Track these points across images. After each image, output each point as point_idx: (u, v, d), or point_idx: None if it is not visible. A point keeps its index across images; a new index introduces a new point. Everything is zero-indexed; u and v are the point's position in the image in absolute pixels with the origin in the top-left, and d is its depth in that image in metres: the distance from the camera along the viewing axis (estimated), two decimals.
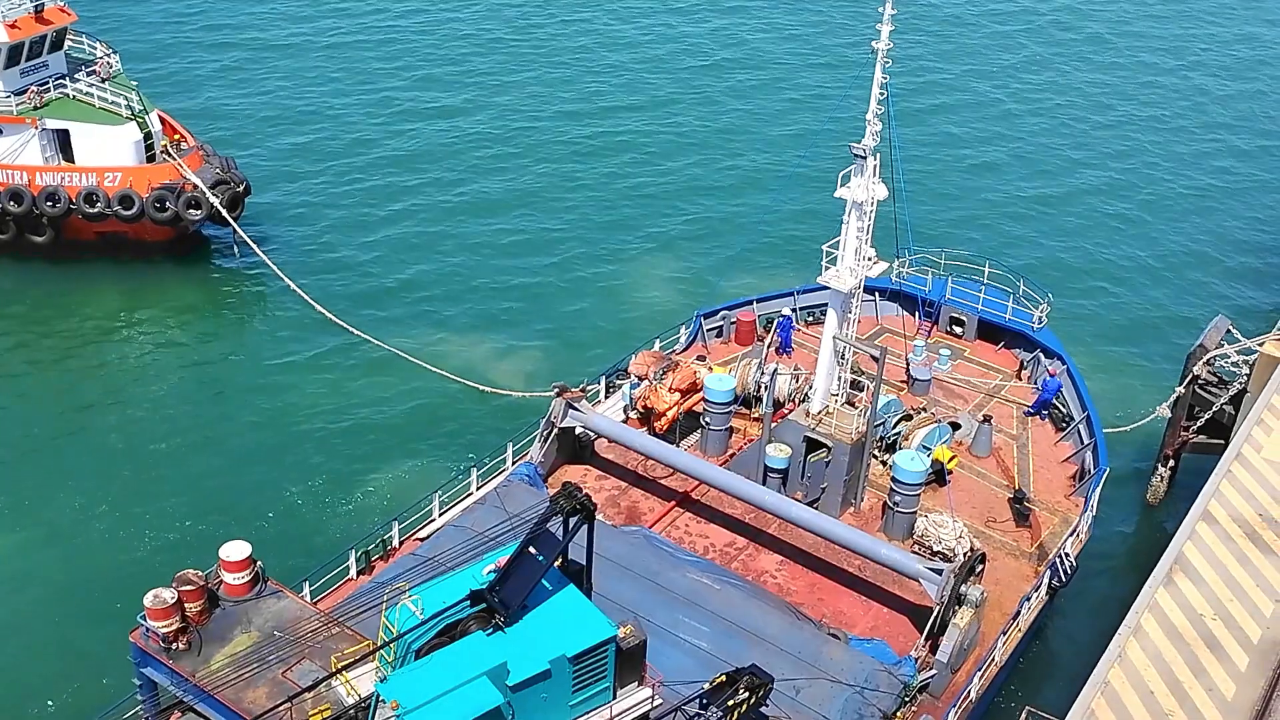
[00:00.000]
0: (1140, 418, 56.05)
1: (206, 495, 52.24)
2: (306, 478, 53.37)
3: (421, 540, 42.72)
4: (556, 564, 32.23)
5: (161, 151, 67.02)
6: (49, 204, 65.44)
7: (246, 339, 64.48)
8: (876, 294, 55.92)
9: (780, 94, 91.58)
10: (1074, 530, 45.18)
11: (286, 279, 63.87)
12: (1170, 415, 53.67)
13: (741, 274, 64.53)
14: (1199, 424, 52.88)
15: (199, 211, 65.76)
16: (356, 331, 61.23)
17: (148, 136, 66.53)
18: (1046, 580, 43.26)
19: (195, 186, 65.57)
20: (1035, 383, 53.41)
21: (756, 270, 65.97)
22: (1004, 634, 41.27)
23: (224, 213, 65.83)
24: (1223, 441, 50.53)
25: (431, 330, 63.70)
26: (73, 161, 66.68)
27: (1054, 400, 51.87)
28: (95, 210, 65.42)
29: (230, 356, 62.81)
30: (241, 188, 67.21)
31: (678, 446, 47.34)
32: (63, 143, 66.85)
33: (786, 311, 55.19)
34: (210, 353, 62.89)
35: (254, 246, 66.05)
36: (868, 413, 45.01)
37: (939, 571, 39.84)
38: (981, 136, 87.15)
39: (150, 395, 59.25)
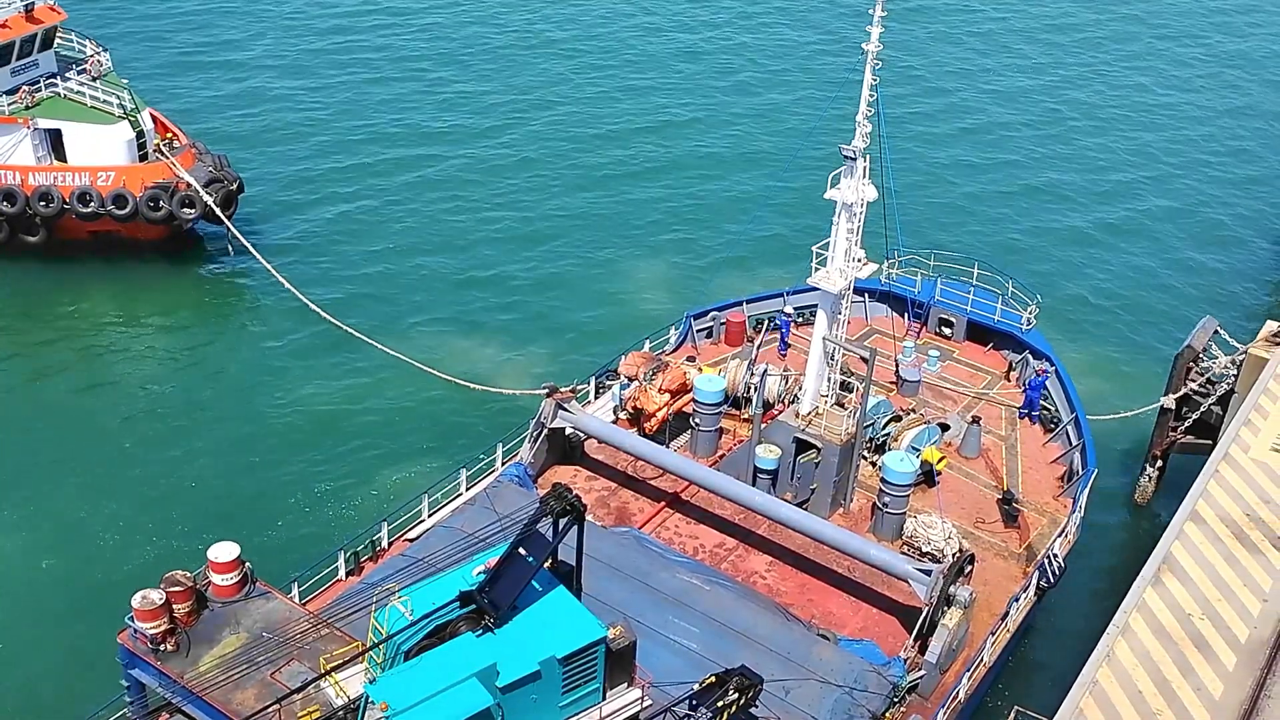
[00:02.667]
0: (1128, 418, 56.17)
1: (195, 496, 52.24)
2: (296, 477, 53.37)
3: (411, 541, 42.69)
4: (546, 565, 32.29)
5: (154, 150, 66.93)
6: (42, 204, 65.30)
7: (237, 337, 64.44)
8: (866, 295, 55.90)
9: (770, 95, 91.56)
10: (1062, 531, 45.33)
11: (279, 277, 63.83)
12: (1158, 416, 53.81)
13: (731, 275, 64.59)
14: (1187, 424, 53.02)
15: (193, 210, 65.72)
16: (348, 329, 61.17)
17: (140, 135, 66.41)
18: (1035, 581, 43.38)
19: (189, 185, 65.53)
20: (1024, 384, 53.60)
21: (746, 271, 66.06)
22: (993, 634, 41.38)
23: (218, 211, 65.80)
24: (1210, 442, 50.65)
25: (422, 329, 63.75)
26: (65, 161, 66.50)
27: (1040, 399, 52.02)
28: (89, 210, 65.31)
29: (221, 355, 62.79)
30: (235, 186, 67.22)
31: (667, 447, 47.46)
32: (55, 142, 66.69)
33: (789, 310, 55.14)
34: (200, 351, 62.88)
35: (247, 245, 66.05)
36: (857, 414, 45.12)
37: (928, 572, 39.95)
38: (971, 138, 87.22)
39: (141, 394, 59.23)
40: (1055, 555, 44.07)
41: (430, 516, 44.06)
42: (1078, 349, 63.02)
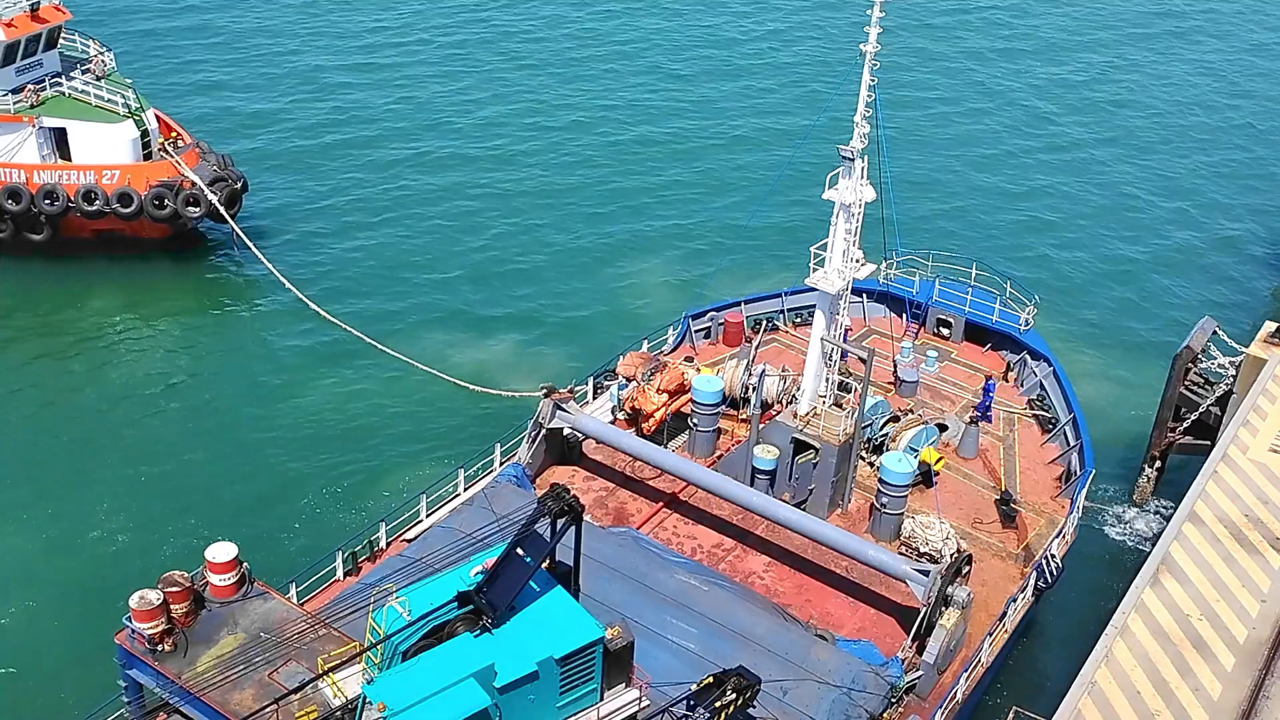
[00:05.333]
0: (1127, 419, 56.08)
1: (193, 495, 52.27)
2: (294, 477, 53.45)
3: (409, 541, 42.77)
4: (544, 565, 32.35)
5: (158, 149, 67.07)
6: (47, 202, 65.44)
7: (238, 336, 64.54)
8: (864, 295, 56.02)
9: (768, 96, 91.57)
10: (1060, 531, 45.40)
11: (281, 276, 63.92)
12: (1156, 416, 53.79)
13: (730, 275, 64.61)
14: (1185, 425, 52.99)
15: (198, 209, 65.91)
16: (348, 329, 61.23)
17: (144, 134, 66.61)
18: (1032, 581, 43.45)
19: (193, 184, 65.66)
20: (1020, 384, 53.77)
21: (744, 272, 66.11)
22: (990, 635, 41.44)
23: (222, 210, 65.88)
24: (1209, 443, 50.70)
25: (422, 330, 63.81)
26: (70, 160, 66.66)
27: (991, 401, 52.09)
28: (94, 208, 65.42)
29: (221, 354, 62.89)
30: (239, 185, 67.35)
31: (665, 448, 47.47)
32: (60, 141, 66.83)
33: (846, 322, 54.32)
34: (201, 350, 63.01)
35: (250, 244, 66.06)
36: (855, 414, 45.15)
37: (926, 573, 40.01)
38: (969, 139, 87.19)
39: (141, 392, 59.26)
40: (1053, 556, 44.13)
41: (428, 517, 44.13)
42: (1076, 349, 63.08)
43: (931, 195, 78.43)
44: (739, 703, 32.94)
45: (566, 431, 47.31)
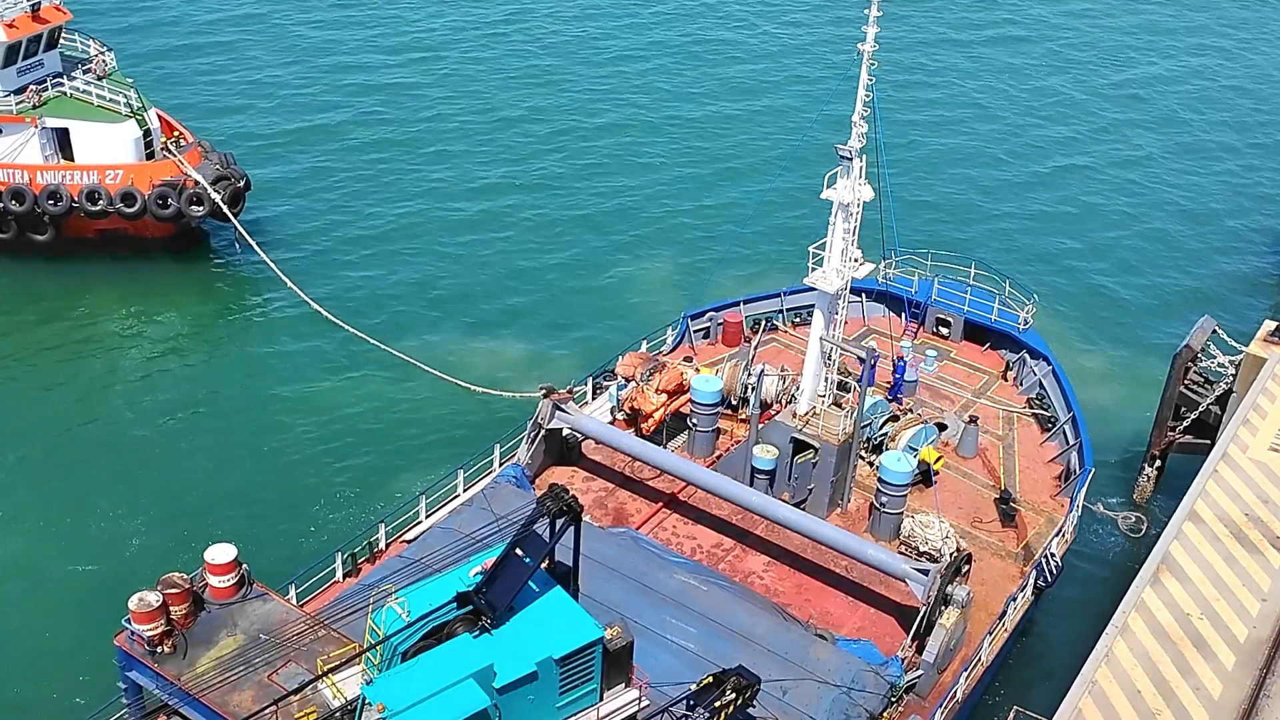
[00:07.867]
0: (1127, 418, 55.94)
1: (193, 496, 52.26)
2: (294, 478, 53.42)
3: (408, 542, 42.82)
4: (543, 565, 32.36)
5: (161, 148, 67.11)
6: (50, 202, 65.48)
7: (240, 336, 64.60)
8: (863, 295, 56.00)
9: (767, 96, 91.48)
10: (1059, 530, 45.40)
11: (283, 275, 63.78)
12: (1156, 415, 53.76)
13: (728, 275, 64.62)
14: (1185, 424, 52.95)
15: (201, 207, 65.91)
16: (349, 328, 61.17)
17: (146, 134, 66.63)
18: (1032, 580, 43.47)
19: (196, 183, 65.69)
20: (1020, 383, 53.72)
21: (743, 272, 66.12)
22: (990, 634, 41.45)
23: (225, 209, 65.88)
24: (1209, 441, 50.63)
25: (421, 329, 63.82)
26: (72, 160, 66.73)
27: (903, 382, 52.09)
28: (97, 208, 65.44)
29: (222, 354, 62.97)
30: (242, 183, 67.33)
31: (664, 448, 47.50)
32: (62, 141, 66.88)
33: (872, 342, 53.29)
34: (203, 350, 63.09)
35: (252, 243, 65.92)
36: (854, 414, 45.15)
37: (925, 572, 40.04)
38: (968, 138, 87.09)
39: (143, 393, 59.30)
40: (1053, 555, 44.14)
41: (428, 517, 44.17)
42: (1076, 348, 63.02)
43: (930, 194, 78.40)
44: (739, 702, 32.98)
45: (566, 432, 47.33)
